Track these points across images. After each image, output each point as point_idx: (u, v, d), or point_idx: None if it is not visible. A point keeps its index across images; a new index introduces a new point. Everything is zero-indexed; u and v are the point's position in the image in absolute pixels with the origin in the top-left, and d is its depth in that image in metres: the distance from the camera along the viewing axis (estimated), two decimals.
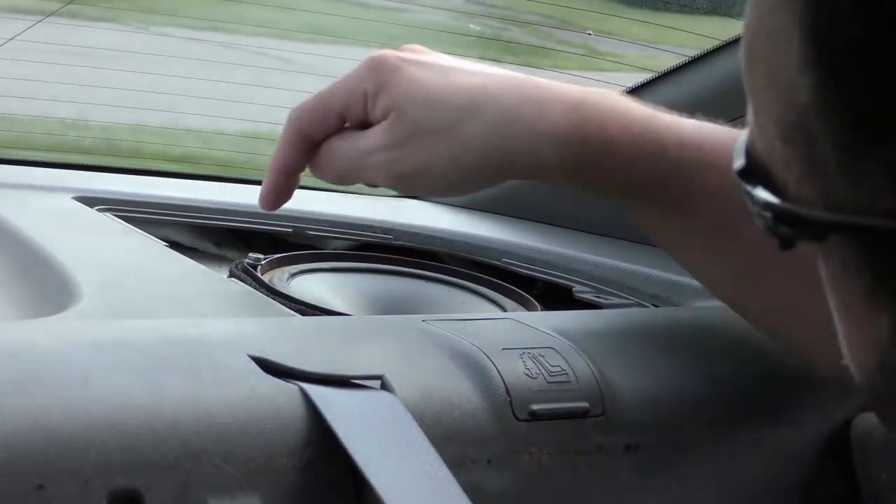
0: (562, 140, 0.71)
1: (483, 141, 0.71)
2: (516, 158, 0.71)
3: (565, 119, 0.71)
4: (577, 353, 0.68)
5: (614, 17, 2.31)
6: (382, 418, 0.59)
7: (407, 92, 0.72)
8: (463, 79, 0.73)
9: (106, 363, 0.56)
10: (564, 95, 0.72)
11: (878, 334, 0.42)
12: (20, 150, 2.05)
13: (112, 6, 2.61)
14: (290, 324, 0.71)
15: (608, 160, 0.71)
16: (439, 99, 0.72)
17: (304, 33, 2.56)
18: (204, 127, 2.25)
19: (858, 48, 0.38)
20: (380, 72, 0.73)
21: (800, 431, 0.72)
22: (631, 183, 0.71)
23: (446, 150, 0.71)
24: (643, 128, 0.71)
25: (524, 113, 0.71)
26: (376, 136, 0.72)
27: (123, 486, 0.52)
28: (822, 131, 0.40)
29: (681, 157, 0.71)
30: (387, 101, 0.72)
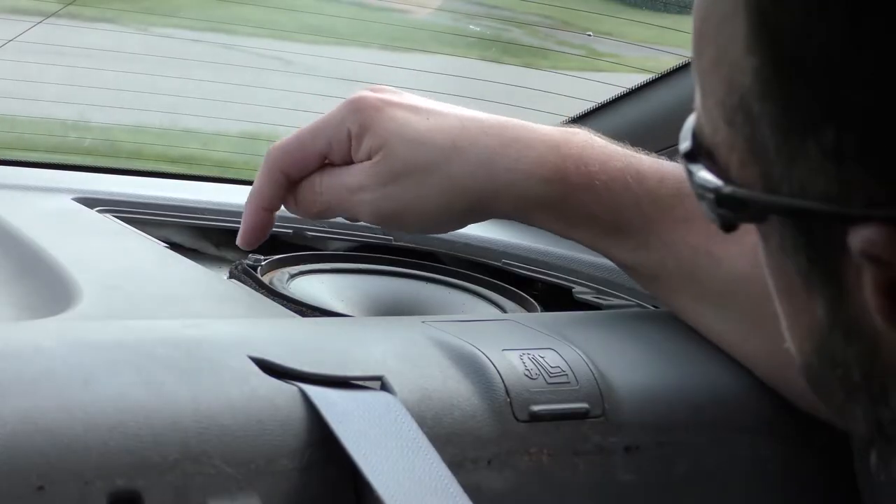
0: (544, 178, 0.73)
1: (467, 180, 0.73)
2: (499, 196, 0.74)
3: (546, 158, 0.73)
4: (577, 354, 0.68)
5: (614, 19, 2.31)
6: (382, 419, 0.59)
7: (392, 131, 0.74)
8: (444, 120, 0.75)
9: (106, 364, 0.56)
10: (544, 135, 0.74)
11: (815, 319, 0.43)
12: (20, 151, 2.05)
13: (112, 7, 2.61)
14: (290, 325, 0.71)
15: (590, 195, 0.73)
16: (423, 139, 0.74)
17: (304, 34, 2.56)
18: (204, 128, 2.25)
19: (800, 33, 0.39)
20: (363, 113, 0.74)
21: (799, 434, 0.72)
22: (613, 217, 0.73)
23: (431, 189, 0.74)
24: (623, 163, 0.74)
25: (506, 153, 0.73)
26: (362, 175, 0.74)
27: (123, 488, 0.52)
28: (763, 114, 0.41)
29: (660, 191, 0.73)
30: (372, 141, 0.74)
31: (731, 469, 0.70)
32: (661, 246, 0.73)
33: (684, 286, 0.74)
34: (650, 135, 1.00)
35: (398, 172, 0.74)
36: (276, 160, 0.77)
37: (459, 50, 2.41)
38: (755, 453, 0.71)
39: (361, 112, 0.74)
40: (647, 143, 0.96)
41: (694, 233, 0.72)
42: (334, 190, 0.76)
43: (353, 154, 0.75)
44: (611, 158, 0.74)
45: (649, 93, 1.02)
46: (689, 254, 0.72)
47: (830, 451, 0.73)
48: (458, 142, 0.74)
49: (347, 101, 0.75)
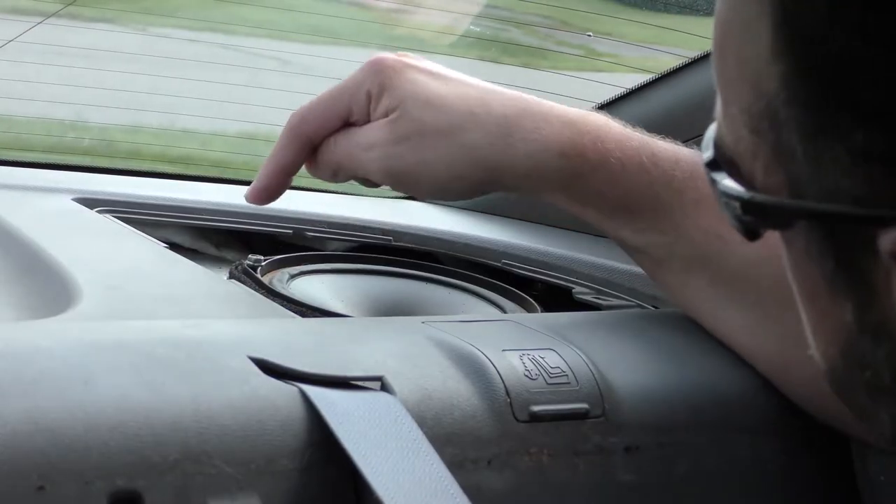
0: (560, 151, 0.72)
1: (481, 147, 0.73)
2: (513, 167, 0.73)
3: (563, 132, 0.73)
4: (577, 355, 0.68)
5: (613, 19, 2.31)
6: (382, 420, 0.59)
7: (410, 92, 0.73)
8: (463, 88, 0.74)
9: (106, 364, 0.56)
10: (562, 111, 0.74)
11: (841, 322, 0.43)
12: (19, 151, 2.05)
13: (111, 8, 2.61)
14: (290, 325, 0.71)
15: (605, 173, 0.73)
16: (441, 102, 0.73)
17: (302, 34, 2.56)
18: (202, 128, 2.25)
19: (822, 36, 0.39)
20: (383, 73, 0.74)
21: (799, 434, 0.72)
22: (626, 196, 0.73)
23: (444, 153, 0.73)
24: (639, 143, 0.74)
25: (523, 124, 0.73)
26: (376, 132, 0.74)
27: (124, 488, 0.52)
28: (790, 119, 0.41)
29: (674, 172, 0.73)
30: (389, 101, 0.73)
31: (732, 469, 0.70)
32: (672, 228, 0.73)
33: (694, 270, 0.73)
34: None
35: (412, 132, 0.73)
36: (298, 124, 0.76)
37: (458, 50, 2.41)
38: (755, 453, 0.71)
39: (381, 72, 0.74)
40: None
41: (706, 216, 0.72)
42: (347, 148, 0.75)
43: (372, 114, 0.74)
44: (627, 138, 0.73)
45: (648, 93, 1.03)
46: (700, 237, 0.72)
47: (830, 452, 0.73)
48: (476, 109, 0.73)
49: (367, 62, 0.75)
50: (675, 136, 0.75)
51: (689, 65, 1.01)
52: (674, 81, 1.02)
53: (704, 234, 0.72)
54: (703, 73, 0.99)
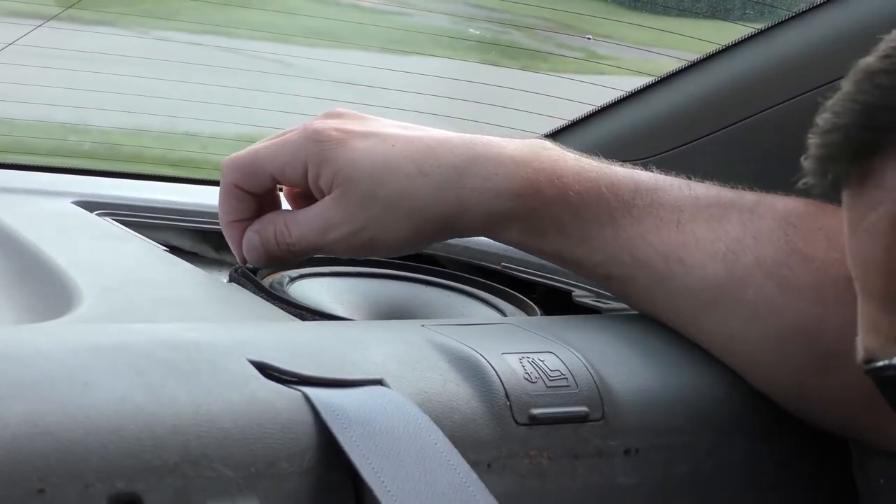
0: (514, 192, 0.73)
1: (434, 204, 0.73)
2: (468, 213, 0.73)
3: (517, 173, 0.73)
4: (577, 358, 0.68)
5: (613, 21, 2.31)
6: (382, 421, 0.59)
7: (354, 163, 0.73)
8: (406, 145, 0.74)
9: (106, 367, 0.56)
10: (515, 151, 0.74)
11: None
12: (20, 155, 2.05)
13: (111, 10, 2.61)
14: (290, 328, 0.71)
15: (564, 207, 0.73)
16: (388, 167, 0.73)
17: (303, 37, 2.56)
18: (203, 131, 2.25)
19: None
20: (320, 144, 0.74)
21: (798, 436, 0.72)
22: (585, 228, 0.73)
23: (400, 219, 0.74)
24: (596, 174, 0.74)
25: (474, 171, 0.73)
26: (327, 213, 0.75)
27: (124, 490, 0.52)
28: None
29: (633, 200, 0.73)
30: (333, 175, 0.74)
31: (731, 472, 0.70)
32: (632, 256, 0.73)
33: (656, 296, 0.74)
34: (647, 138, 1.00)
35: (362, 207, 0.74)
36: (229, 174, 0.78)
37: (458, 53, 2.41)
38: (754, 456, 0.71)
39: (320, 144, 0.74)
40: (642, 147, 0.97)
41: (667, 241, 0.72)
42: (302, 235, 0.76)
43: (312, 185, 0.75)
44: (584, 170, 0.74)
45: (648, 95, 1.03)
46: (661, 262, 0.72)
47: (829, 454, 0.73)
48: (425, 166, 0.73)
49: (305, 129, 0.75)
50: (675, 140, 0.75)
51: (688, 67, 1.01)
52: (673, 84, 1.02)
53: (665, 258, 0.72)
54: (702, 76, 0.99)
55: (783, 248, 0.70)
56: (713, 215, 0.72)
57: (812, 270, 0.69)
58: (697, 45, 1.47)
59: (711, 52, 0.99)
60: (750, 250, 0.70)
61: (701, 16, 1.99)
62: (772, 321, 0.70)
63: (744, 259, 0.70)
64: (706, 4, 1.98)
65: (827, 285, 0.69)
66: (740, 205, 0.72)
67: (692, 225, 0.72)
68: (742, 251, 0.70)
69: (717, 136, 0.95)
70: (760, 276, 0.70)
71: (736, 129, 0.94)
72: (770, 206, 0.72)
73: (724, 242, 0.71)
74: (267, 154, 0.76)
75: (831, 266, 0.69)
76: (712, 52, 0.99)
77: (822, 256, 0.69)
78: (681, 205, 0.73)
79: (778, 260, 0.70)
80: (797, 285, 0.69)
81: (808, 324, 0.69)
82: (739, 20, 1.74)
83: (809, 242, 0.70)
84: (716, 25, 1.90)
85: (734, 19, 1.81)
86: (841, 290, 0.67)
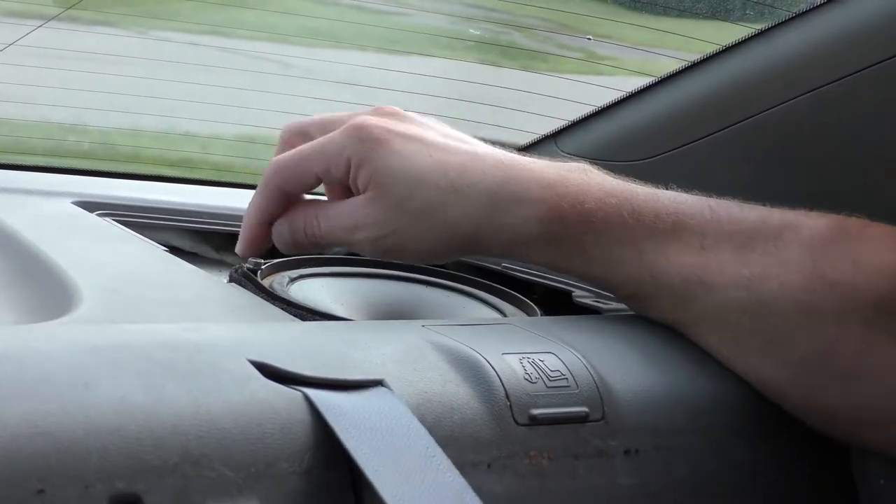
0: (540, 218, 0.74)
1: (462, 222, 0.74)
2: (495, 237, 0.75)
3: (542, 199, 0.74)
4: (577, 358, 0.68)
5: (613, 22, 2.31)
6: (383, 422, 0.59)
7: (392, 168, 0.74)
8: (444, 157, 0.75)
9: (106, 368, 0.56)
10: (541, 175, 0.75)
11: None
12: (19, 155, 2.05)
13: (111, 11, 2.61)
14: (290, 328, 0.71)
15: (585, 233, 0.74)
16: (424, 178, 0.74)
17: (302, 37, 2.56)
18: (202, 131, 2.25)
19: None
20: (363, 143, 0.75)
21: (798, 437, 0.72)
22: (608, 251, 0.74)
23: (428, 231, 0.74)
24: (619, 199, 0.74)
25: (503, 195, 0.74)
26: (359, 212, 0.75)
27: (124, 491, 0.52)
28: None
29: (655, 225, 0.74)
30: (369, 175, 0.75)
31: (731, 473, 0.70)
32: (653, 277, 0.74)
33: (676, 312, 0.74)
34: (647, 139, 1.00)
35: (393, 212, 0.74)
36: (274, 175, 0.78)
37: (458, 53, 2.41)
38: (755, 457, 0.71)
39: (363, 143, 0.75)
40: (642, 147, 0.96)
41: (689, 263, 0.73)
42: (331, 230, 0.77)
43: (351, 182, 0.76)
44: (607, 195, 0.74)
45: (648, 96, 1.03)
46: (681, 283, 0.73)
47: (830, 456, 0.73)
48: (458, 184, 0.74)
49: (351, 126, 0.76)
50: (675, 140, 0.75)
51: (689, 68, 1.01)
52: (674, 84, 1.02)
53: (685, 280, 0.73)
54: (703, 76, 0.99)
55: (809, 274, 0.70)
56: (737, 243, 0.73)
57: (838, 295, 0.70)
58: (697, 45, 1.47)
59: (711, 52, 0.99)
60: (774, 276, 0.71)
61: (701, 16, 1.99)
62: (793, 346, 0.70)
63: (768, 284, 0.71)
64: (706, 5, 1.98)
65: (850, 308, 0.69)
66: (765, 232, 0.73)
67: (716, 251, 0.73)
68: (767, 277, 0.71)
69: (717, 137, 0.95)
70: (785, 301, 0.70)
71: (736, 130, 0.94)
72: (795, 232, 0.72)
73: (749, 269, 0.72)
74: (313, 154, 0.77)
75: (858, 291, 0.69)
76: (712, 52, 0.99)
77: (849, 280, 0.70)
78: (704, 230, 0.74)
79: (803, 286, 0.70)
80: (823, 310, 0.70)
81: (830, 345, 0.70)
82: (740, 21, 1.74)
83: (835, 267, 0.70)
84: (716, 26, 1.90)
85: (734, 20, 1.81)
86: (869, 314, 0.69)
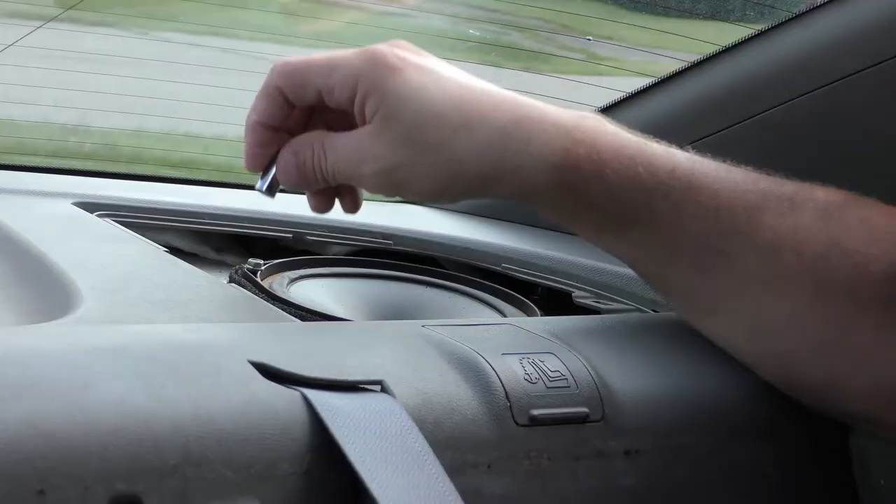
0: (552, 163, 0.71)
1: (472, 161, 0.71)
2: (506, 178, 0.71)
3: (557, 142, 0.71)
4: (577, 359, 0.68)
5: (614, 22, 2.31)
6: (383, 423, 0.59)
7: (399, 99, 0.71)
8: (457, 91, 0.72)
9: (106, 368, 0.56)
10: (557, 118, 0.72)
11: None
12: (20, 156, 2.05)
13: (112, 12, 2.61)
14: (290, 329, 0.71)
15: (599, 184, 0.71)
16: (434, 111, 0.71)
17: (304, 38, 2.56)
18: (204, 132, 2.25)
19: None
20: (377, 68, 0.71)
21: (799, 438, 0.72)
22: (620, 208, 0.71)
23: (435, 167, 0.71)
24: (635, 151, 0.72)
25: (516, 134, 0.71)
26: (365, 145, 0.72)
27: (124, 492, 0.52)
28: None
29: (671, 182, 0.71)
30: (377, 103, 0.71)
31: (731, 473, 0.70)
32: (669, 240, 0.71)
33: (695, 281, 0.72)
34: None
35: (402, 146, 0.71)
36: (276, 76, 0.74)
37: (459, 54, 2.41)
38: (755, 458, 0.71)
39: (377, 68, 0.71)
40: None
41: (705, 229, 0.71)
42: (336, 162, 0.73)
43: (357, 109, 0.72)
44: (623, 146, 0.71)
45: (648, 96, 1.03)
46: (697, 251, 0.71)
47: (830, 456, 0.73)
48: (469, 118, 0.71)
49: (366, 50, 0.72)
50: (676, 141, 0.75)
51: (689, 68, 1.01)
52: (674, 85, 1.02)
53: (702, 248, 0.71)
54: (703, 77, 0.99)
55: (823, 241, 0.69)
56: (751, 203, 0.71)
57: (851, 265, 0.68)
58: (698, 46, 1.47)
59: (711, 53, 0.99)
60: (790, 243, 0.69)
61: (701, 17, 1.99)
62: (810, 320, 0.69)
63: (784, 252, 0.69)
64: (707, 6, 1.98)
65: (864, 283, 0.68)
66: (778, 193, 0.71)
67: (731, 213, 0.71)
68: (783, 243, 0.70)
69: (716, 137, 0.95)
70: (801, 271, 0.69)
71: (736, 130, 0.95)
72: (809, 196, 0.71)
73: (764, 235, 0.70)
74: (319, 67, 0.73)
75: (871, 262, 0.68)
76: (712, 52, 0.99)
77: (863, 250, 0.68)
78: (718, 188, 0.71)
79: (817, 253, 0.69)
80: (835, 282, 0.69)
81: (844, 322, 0.69)
82: (740, 21, 1.74)
83: (850, 234, 0.69)
84: (716, 26, 1.90)
85: (735, 20, 1.81)
86: (878, 287, 0.67)
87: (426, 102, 0.71)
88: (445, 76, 0.72)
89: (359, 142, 0.72)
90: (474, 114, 0.71)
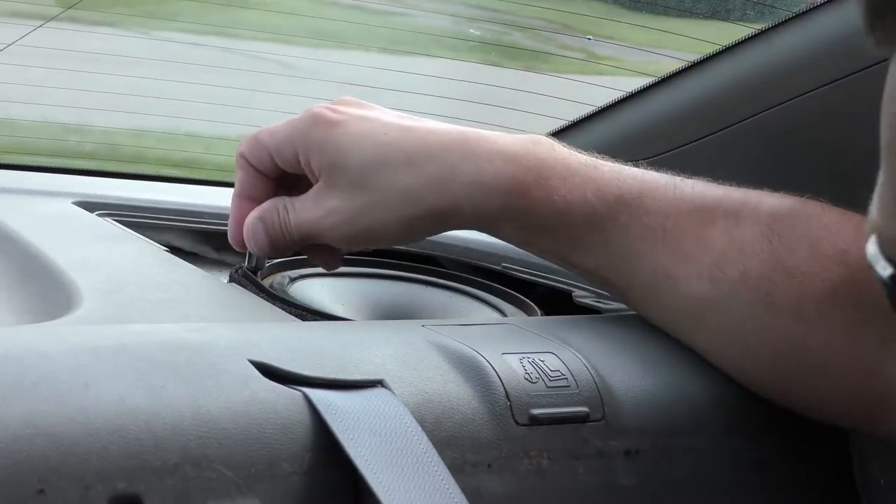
0: (503, 190, 0.73)
1: (427, 195, 0.73)
2: (462, 209, 0.74)
3: (506, 171, 0.73)
4: (577, 358, 0.68)
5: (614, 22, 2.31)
6: (384, 422, 0.59)
7: (338, 152, 0.73)
8: (400, 135, 0.74)
9: (106, 368, 0.56)
10: (505, 147, 0.74)
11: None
12: (21, 155, 2.06)
13: (113, 11, 2.61)
14: (291, 329, 0.71)
15: (549, 207, 0.73)
16: (376, 155, 0.73)
17: (305, 38, 2.56)
18: (205, 132, 2.25)
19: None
20: (313, 128, 0.74)
21: (799, 437, 0.72)
22: (572, 231, 0.73)
23: (391, 209, 0.73)
24: (582, 178, 0.74)
25: (465, 168, 0.73)
26: (321, 200, 0.74)
27: (124, 492, 0.52)
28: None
29: (618, 206, 0.73)
30: (319, 160, 0.74)
31: (732, 472, 0.70)
32: (622, 262, 0.73)
33: (649, 303, 0.74)
34: (647, 139, 1.00)
35: (352, 195, 0.73)
36: (241, 145, 0.77)
37: (460, 54, 2.41)
38: (755, 457, 0.71)
39: (313, 127, 0.74)
40: (642, 147, 0.96)
41: (653, 253, 0.72)
42: (303, 224, 0.75)
43: (304, 166, 0.75)
44: (571, 173, 0.73)
45: (648, 96, 1.03)
46: (648, 274, 0.73)
47: (830, 455, 0.73)
48: (415, 158, 0.73)
49: (306, 111, 0.75)
50: (675, 141, 0.75)
51: (689, 68, 1.01)
52: (674, 84, 1.02)
53: (653, 272, 0.72)
54: (702, 77, 0.99)
55: (767, 261, 0.70)
56: (698, 220, 0.72)
57: (795, 284, 0.69)
58: (698, 45, 1.47)
59: (711, 52, 0.99)
60: (735, 264, 0.70)
61: (701, 17, 2.00)
62: (757, 339, 0.70)
63: (729, 274, 0.70)
64: (707, 5, 1.98)
65: (809, 301, 0.69)
66: (725, 206, 0.72)
67: (677, 233, 0.72)
68: (727, 265, 0.70)
69: (716, 137, 0.95)
70: (746, 293, 0.70)
71: (736, 130, 0.94)
72: (754, 209, 0.72)
73: (710, 256, 0.71)
74: (268, 131, 0.76)
75: (814, 280, 0.69)
76: (712, 52, 0.99)
77: (805, 269, 0.69)
78: (666, 210, 0.72)
79: (762, 275, 0.70)
80: (780, 302, 0.69)
81: (793, 343, 0.69)
82: (740, 21, 1.74)
83: (793, 252, 0.70)
84: (716, 26, 1.90)
85: (734, 20, 1.81)
86: (823, 304, 0.68)
87: (369, 147, 0.73)
88: (388, 122, 0.75)
89: (315, 197, 0.75)
90: (421, 154, 0.73)
